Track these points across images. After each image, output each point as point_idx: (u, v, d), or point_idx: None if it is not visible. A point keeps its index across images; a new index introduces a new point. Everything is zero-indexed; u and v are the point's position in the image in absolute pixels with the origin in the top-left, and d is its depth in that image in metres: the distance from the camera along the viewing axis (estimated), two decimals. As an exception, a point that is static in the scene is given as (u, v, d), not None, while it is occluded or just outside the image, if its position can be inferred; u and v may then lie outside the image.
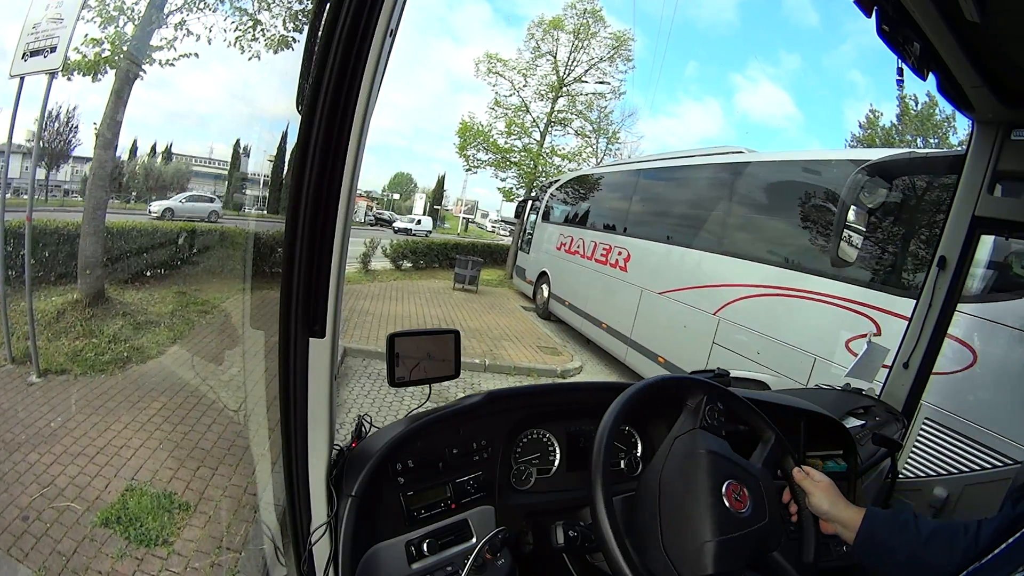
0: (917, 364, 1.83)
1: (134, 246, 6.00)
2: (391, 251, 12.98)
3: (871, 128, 16.32)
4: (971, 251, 1.76)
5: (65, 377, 3.68)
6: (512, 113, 15.40)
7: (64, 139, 10.51)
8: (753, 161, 5.25)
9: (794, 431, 1.42)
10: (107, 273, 5.21)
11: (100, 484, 2.66)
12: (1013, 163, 1.62)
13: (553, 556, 1.03)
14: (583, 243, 8.34)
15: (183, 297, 5.62)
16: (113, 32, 4.63)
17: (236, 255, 6.50)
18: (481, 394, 1.15)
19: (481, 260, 11.77)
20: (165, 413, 3.39)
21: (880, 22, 1.19)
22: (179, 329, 4.81)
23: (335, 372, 0.89)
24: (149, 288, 5.73)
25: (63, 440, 2.96)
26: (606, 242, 7.54)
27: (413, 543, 0.98)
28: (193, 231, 7.01)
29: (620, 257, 7.02)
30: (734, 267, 4.88)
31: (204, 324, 5.16)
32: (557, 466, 1.23)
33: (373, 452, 0.97)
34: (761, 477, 0.92)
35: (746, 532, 0.83)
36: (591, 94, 15.32)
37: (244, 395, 3.81)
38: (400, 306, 8.78)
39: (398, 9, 0.74)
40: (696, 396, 0.99)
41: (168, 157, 16.46)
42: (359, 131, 0.76)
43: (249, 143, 13.70)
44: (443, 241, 15.36)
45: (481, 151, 15.40)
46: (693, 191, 6.06)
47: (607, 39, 14.88)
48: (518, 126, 15.26)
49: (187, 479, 2.81)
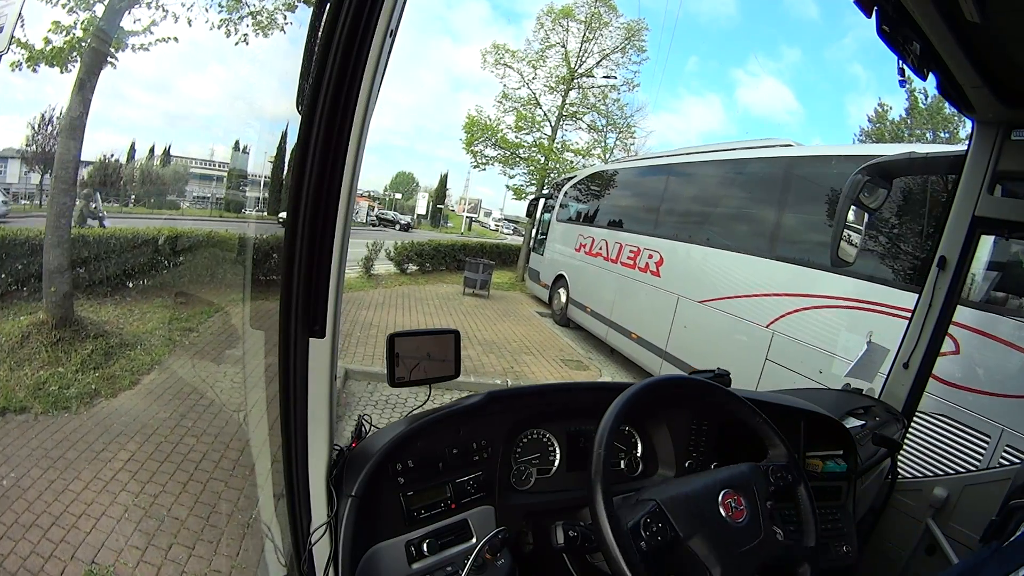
0: (917, 364, 1.83)
1: (109, 254, 5.20)
2: (395, 254, 12.15)
3: (880, 123, 16.17)
4: (971, 251, 1.76)
5: (24, 417, 3.09)
6: (521, 107, 14.69)
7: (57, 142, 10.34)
8: (809, 155, 4.84)
9: (794, 431, 1.42)
10: (79, 287, 4.58)
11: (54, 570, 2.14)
12: (1013, 163, 1.62)
13: (553, 556, 1.03)
14: (606, 245, 7.66)
15: (166, 312, 5.08)
16: (85, 18, 4.04)
17: (227, 261, 6.02)
18: (481, 394, 1.14)
19: (492, 263, 11.08)
20: (147, 447, 2.98)
21: (880, 22, 1.19)
22: (157, 353, 4.18)
23: (335, 372, 0.89)
24: (130, 302, 5.09)
25: (15, 505, 2.44)
26: (634, 244, 6.87)
27: (413, 543, 0.98)
28: (176, 236, 6.18)
29: (651, 261, 6.41)
30: (791, 275, 4.40)
31: (187, 344, 4.59)
32: (557, 466, 1.23)
33: (373, 452, 0.97)
34: None
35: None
36: (604, 87, 14.64)
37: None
38: (407, 316, 8.14)
39: (398, 9, 0.74)
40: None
41: (167, 159, 16.30)
42: (359, 131, 0.76)
43: (248, 144, 13.57)
44: (450, 242, 14.27)
45: (489, 147, 14.66)
46: (738, 188, 5.54)
47: (619, 28, 14.21)
48: (528, 120, 14.53)
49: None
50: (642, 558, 0.79)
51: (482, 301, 10.27)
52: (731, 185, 5.68)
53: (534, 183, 14.50)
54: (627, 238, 7.15)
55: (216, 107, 12.67)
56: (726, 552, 0.82)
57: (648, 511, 0.85)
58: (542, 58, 14.43)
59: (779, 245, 4.72)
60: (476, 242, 16.15)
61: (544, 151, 14.39)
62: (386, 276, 11.44)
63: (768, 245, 4.81)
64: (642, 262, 6.62)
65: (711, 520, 0.84)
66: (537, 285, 10.72)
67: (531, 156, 14.55)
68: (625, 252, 7.07)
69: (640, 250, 6.70)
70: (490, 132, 14.39)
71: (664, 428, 1.29)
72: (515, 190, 15.34)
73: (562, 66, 14.41)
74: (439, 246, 13.16)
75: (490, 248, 15.92)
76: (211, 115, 16.39)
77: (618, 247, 7.30)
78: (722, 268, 5.22)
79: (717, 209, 5.75)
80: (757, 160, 5.34)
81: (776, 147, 5.27)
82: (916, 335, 1.84)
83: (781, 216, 4.85)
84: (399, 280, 11.43)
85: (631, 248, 6.94)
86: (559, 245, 9.65)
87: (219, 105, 15.11)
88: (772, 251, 4.73)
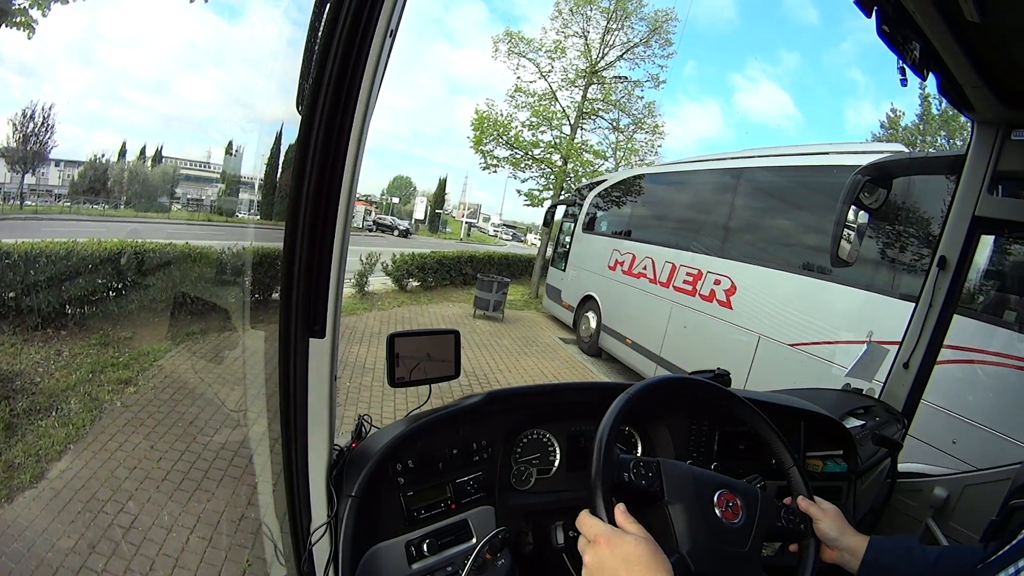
0: (917, 364, 1.83)
1: (43, 277, 4.03)
2: (393, 267, 10.51)
3: (892, 128, 16.05)
4: (971, 251, 1.76)
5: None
6: (536, 101, 12.91)
7: (40, 140, 9.79)
8: None
9: (794, 431, 1.42)
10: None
11: None
12: (1013, 163, 1.62)
13: (553, 556, 1.03)
14: (652, 264, 6.36)
15: (101, 355, 3.85)
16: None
17: (201, 280, 4.99)
18: (481, 394, 1.15)
19: (508, 281, 9.61)
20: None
21: (880, 22, 1.19)
22: (76, 424, 2.96)
23: (335, 372, 0.89)
24: (65, 338, 3.97)
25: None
26: (692, 265, 5.70)
27: (413, 543, 0.98)
28: (141, 254, 4.89)
29: (719, 288, 5.29)
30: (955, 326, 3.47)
31: (120, 408, 3.21)
32: (557, 466, 1.23)
33: (373, 452, 0.97)
34: None
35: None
36: (630, 81, 13.03)
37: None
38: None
39: (398, 9, 0.74)
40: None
41: (157, 160, 15.85)
42: (359, 131, 0.76)
43: (242, 145, 13.36)
44: (455, 253, 12.63)
45: (500, 146, 12.99)
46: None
47: (644, 19, 12.57)
48: (545, 116, 12.86)
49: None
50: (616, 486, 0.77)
51: (496, 326, 8.88)
52: (827, 198, 4.34)
53: (550, 187, 13.09)
54: (682, 257, 5.91)
55: (212, 108, 12.52)
56: (703, 539, 0.78)
57: (646, 460, 0.83)
58: (560, 49, 12.75)
59: (907, 281, 3.58)
60: (484, 253, 14.61)
61: (565, 151, 12.78)
62: (383, 294, 9.86)
63: (887, 281, 3.71)
64: (705, 288, 5.46)
65: (702, 504, 0.80)
66: (558, 306, 9.27)
67: (546, 157, 13.10)
68: (680, 274, 5.84)
69: (701, 273, 5.54)
70: (502, 129, 12.77)
71: (664, 428, 1.29)
72: (530, 195, 13.62)
73: (582, 58, 12.79)
74: (443, 258, 11.73)
75: (499, 259, 14.55)
76: (207, 117, 16.28)
77: (669, 268, 6.04)
78: (819, 304, 4.10)
79: (816, 227, 4.37)
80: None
81: (881, 153, 4.19)
82: (916, 335, 1.84)
83: (906, 245, 3.72)
84: (398, 299, 9.88)
85: (688, 270, 5.76)
86: (586, 260, 8.26)
87: (215, 107, 15.02)
88: (893, 287, 3.59)
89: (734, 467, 1.28)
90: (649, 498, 0.81)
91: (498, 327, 8.78)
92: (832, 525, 0.89)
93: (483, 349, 7.18)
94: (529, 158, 13.07)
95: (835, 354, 3.88)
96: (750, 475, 1.01)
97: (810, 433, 1.45)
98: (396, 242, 25.15)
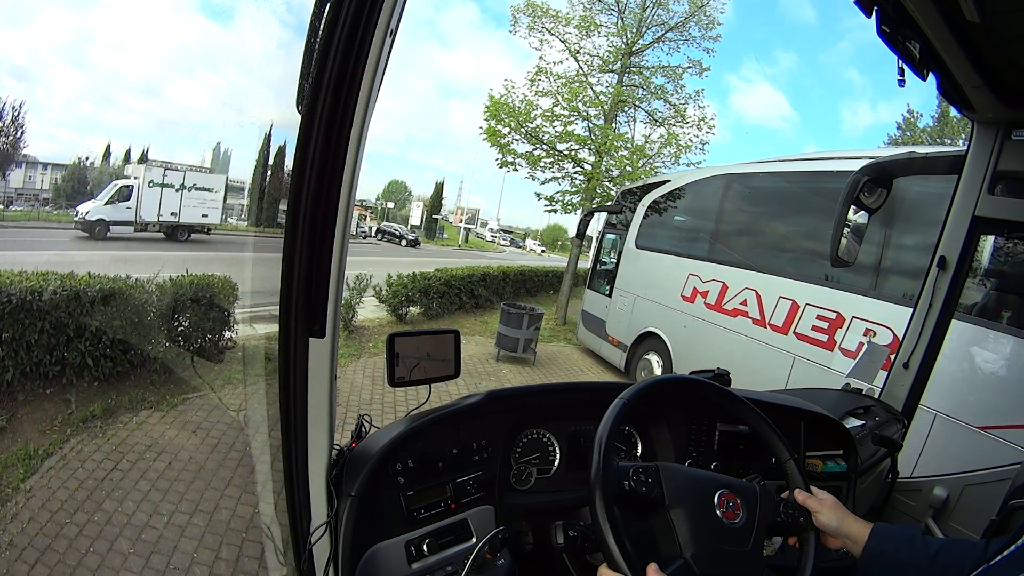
0: (917, 364, 1.83)
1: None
2: (389, 293, 7.91)
3: (910, 129, 15.91)
4: (971, 251, 1.76)
5: None
6: (563, 85, 10.31)
7: (10, 139, 8.76)
8: None
9: (794, 431, 1.42)
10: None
11: None
12: (1013, 163, 1.62)
13: (553, 556, 1.03)
14: (758, 299, 4.66)
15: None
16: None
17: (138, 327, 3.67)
18: (481, 394, 1.14)
19: (542, 312, 6.90)
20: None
21: (880, 22, 1.19)
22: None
23: (335, 372, 0.89)
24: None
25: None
26: (829, 308, 4.04)
27: (413, 543, 0.98)
28: (110, 292, 3.64)
29: (871, 340, 3.57)
30: None
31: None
32: (557, 466, 1.23)
33: (373, 452, 0.97)
34: None
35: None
36: (674, 66, 10.30)
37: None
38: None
39: (398, 9, 0.74)
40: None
41: (143, 162, 15.45)
42: (359, 131, 0.76)
43: (229, 147, 13.11)
44: (466, 270, 10.13)
45: (518, 140, 10.37)
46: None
47: None
48: (573, 104, 10.23)
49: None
50: (619, 496, 0.77)
51: (528, 371, 6.59)
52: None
53: (580, 191, 10.46)
54: (810, 294, 4.24)
55: (206, 112, 12.30)
56: (706, 542, 0.79)
57: (644, 465, 0.84)
58: (594, 24, 10.21)
59: None
60: (498, 266, 11.93)
61: (599, 144, 10.06)
62: (374, 329, 7.15)
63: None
64: (849, 341, 3.84)
65: (703, 506, 0.82)
66: (601, 340, 7.19)
67: (571, 151, 10.44)
68: (808, 317, 4.20)
69: (842, 319, 3.93)
70: (523, 118, 10.16)
71: (664, 428, 1.29)
72: (561, 199, 10.61)
73: (617, 37, 10.27)
74: (451, 279, 9.17)
75: (514, 275, 11.97)
76: (200, 121, 16.08)
77: (788, 306, 4.38)
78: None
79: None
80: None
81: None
82: (916, 335, 1.84)
83: None
84: (394, 336, 7.72)
85: (822, 313, 4.10)
86: (643, 285, 6.40)
87: (209, 111, 14.83)
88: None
89: (734, 466, 1.29)
90: (650, 504, 0.81)
91: (530, 372, 6.56)
92: (831, 516, 0.90)
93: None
94: (554, 153, 10.48)
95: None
96: (750, 474, 1.02)
97: (810, 433, 1.45)
98: (404, 253, 22.26)
